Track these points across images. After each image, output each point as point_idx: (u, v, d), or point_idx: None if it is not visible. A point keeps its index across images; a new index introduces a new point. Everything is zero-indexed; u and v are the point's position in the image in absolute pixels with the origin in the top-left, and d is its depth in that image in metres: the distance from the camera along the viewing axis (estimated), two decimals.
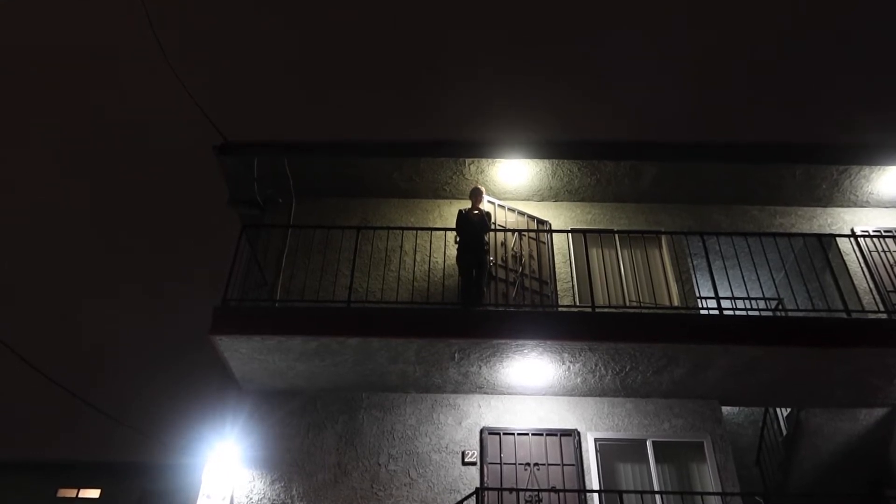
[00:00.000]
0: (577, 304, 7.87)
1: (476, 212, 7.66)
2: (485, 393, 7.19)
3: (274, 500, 6.51)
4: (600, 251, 8.28)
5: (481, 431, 6.94)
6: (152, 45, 8.16)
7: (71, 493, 17.72)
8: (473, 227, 7.47)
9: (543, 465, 6.71)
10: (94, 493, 17.70)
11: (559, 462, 6.72)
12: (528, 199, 8.91)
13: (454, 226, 7.61)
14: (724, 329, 6.52)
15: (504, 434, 6.93)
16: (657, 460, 6.78)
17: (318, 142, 8.71)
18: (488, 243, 7.54)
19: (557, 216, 8.81)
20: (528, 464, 6.71)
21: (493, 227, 7.98)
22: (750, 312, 8.67)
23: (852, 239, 7.92)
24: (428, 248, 8.13)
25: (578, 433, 6.91)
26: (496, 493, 6.48)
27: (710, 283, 7.25)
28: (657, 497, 6.52)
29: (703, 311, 8.15)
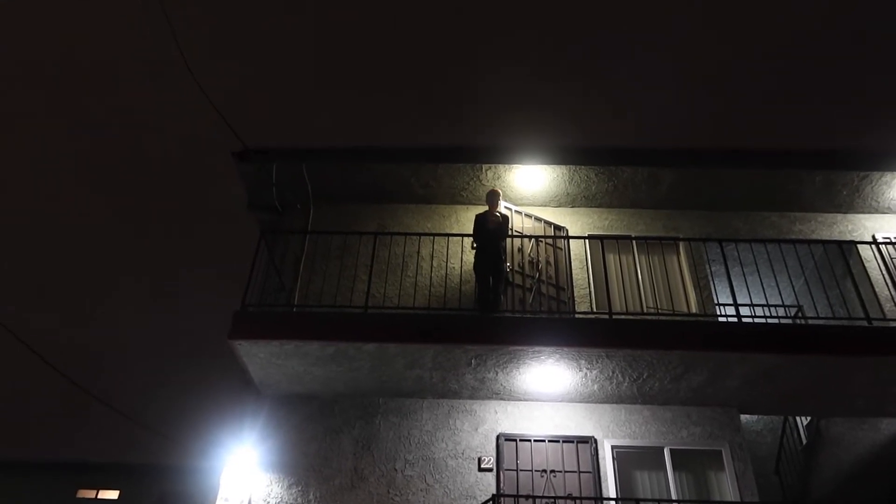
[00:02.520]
0: (595, 310, 7.85)
1: (494, 217, 7.65)
2: (501, 399, 7.19)
3: None
4: (618, 257, 8.25)
5: (497, 438, 6.94)
6: (175, 52, 8.27)
7: (90, 493, 17.92)
8: (490, 233, 7.47)
9: (560, 472, 6.69)
10: (113, 495, 17.88)
11: (576, 469, 6.70)
12: (545, 205, 8.92)
13: (471, 231, 7.62)
14: (743, 337, 6.47)
15: (520, 440, 6.92)
16: (675, 468, 6.74)
17: (336, 147, 8.77)
18: (505, 250, 7.54)
19: (574, 222, 8.80)
20: (545, 471, 6.70)
21: (510, 232, 7.97)
22: (769, 320, 8.59)
23: (874, 246, 7.85)
24: (445, 253, 8.16)
25: (595, 440, 6.89)
26: (512, 499, 6.46)
27: (728, 289, 7.21)
28: None
29: (721, 319, 8.07)
